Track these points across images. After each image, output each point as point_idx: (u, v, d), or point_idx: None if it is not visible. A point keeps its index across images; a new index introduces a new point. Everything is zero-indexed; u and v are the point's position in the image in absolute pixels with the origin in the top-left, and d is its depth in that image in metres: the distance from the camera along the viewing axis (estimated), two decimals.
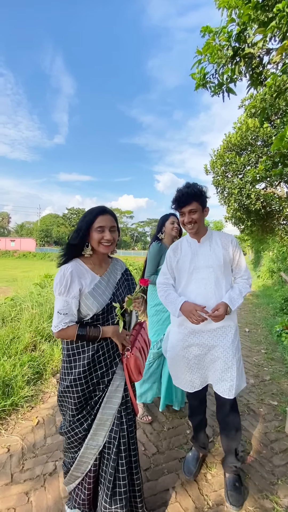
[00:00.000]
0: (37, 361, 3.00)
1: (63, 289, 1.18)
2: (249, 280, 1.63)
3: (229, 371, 1.57)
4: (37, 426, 2.15)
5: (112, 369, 1.28)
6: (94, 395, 1.25)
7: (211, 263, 1.57)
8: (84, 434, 1.24)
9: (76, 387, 1.21)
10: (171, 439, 2.04)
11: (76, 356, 1.23)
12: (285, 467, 1.80)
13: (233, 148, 9.04)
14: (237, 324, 1.69)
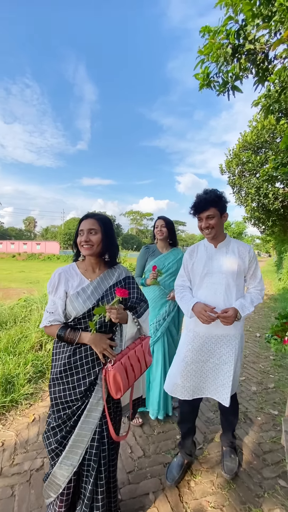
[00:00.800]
0: (41, 360, 3.12)
1: (51, 289, 1.26)
2: (262, 291, 1.66)
3: (226, 381, 1.62)
4: (33, 423, 2.24)
5: (89, 378, 1.21)
6: (72, 404, 1.20)
7: (224, 269, 1.60)
8: (57, 448, 1.18)
9: (54, 387, 1.23)
10: (159, 443, 2.02)
11: (58, 356, 1.26)
12: (274, 480, 1.72)
13: (249, 146, 8.77)
14: (243, 334, 1.70)
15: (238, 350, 1.64)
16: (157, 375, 2.20)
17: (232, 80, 3.34)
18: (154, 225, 2.32)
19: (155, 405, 2.21)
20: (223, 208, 1.59)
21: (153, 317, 2.20)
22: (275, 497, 1.60)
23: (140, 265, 2.27)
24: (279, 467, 1.82)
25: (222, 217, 1.60)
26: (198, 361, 1.65)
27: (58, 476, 1.17)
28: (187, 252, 1.78)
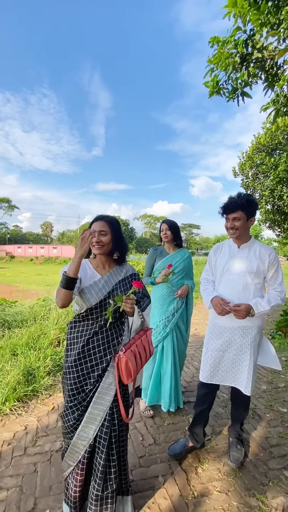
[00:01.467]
0: (59, 355, 3.31)
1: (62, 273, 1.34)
2: (281, 293, 1.71)
3: (244, 369, 1.73)
4: (52, 411, 2.42)
5: (102, 364, 1.34)
6: (86, 387, 1.33)
7: (244, 269, 1.72)
8: (75, 423, 1.33)
9: (70, 374, 1.35)
10: (169, 433, 2.14)
11: (72, 346, 1.38)
12: (279, 471, 1.79)
13: (262, 148, 8.73)
14: (260, 326, 1.78)
15: (254, 342, 1.73)
16: (168, 369, 2.32)
17: (242, 87, 3.45)
18: (160, 228, 2.45)
19: (166, 398, 2.32)
20: (251, 213, 1.69)
21: (162, 313, 2.33)
22: (280, 486, 1.68)
23: (149, 265, 2.41)
24: (285, 460, 1.88)
25: (249, 221, 1.71)
26: (217, 349, 1.79)
27: (77, 445, 1.33)
28: (213, 249, 1.96)
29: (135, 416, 2.33)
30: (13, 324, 4.23)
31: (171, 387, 2.31)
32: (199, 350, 3.95)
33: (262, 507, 1.53)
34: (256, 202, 1.71)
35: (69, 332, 1.42)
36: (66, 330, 1.46)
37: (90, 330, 1.37)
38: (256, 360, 1.80)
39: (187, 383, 2.94)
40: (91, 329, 1.37)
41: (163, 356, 2.33)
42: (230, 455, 1.86)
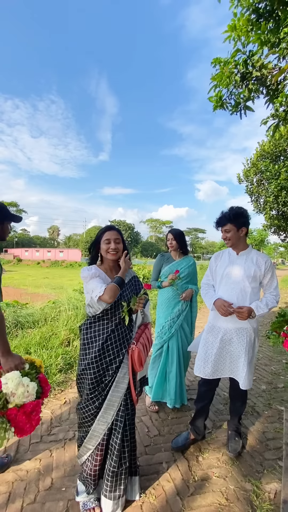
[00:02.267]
0: (69, 354, 3.52)
1: (91, 276, 1.53)
2: (276, 297, 1.89)
3: (241, 364, 1.90)
4: (64, 404, 2.62)
5: (119, 357, 1.53)
6: (104, 379, 1.51)
7: (242, 274, 1.89)
8: (95, 411, 1.50)
9: (90, 370, 1.52)
10: (173, 426, 2.31)
11: (90, 344, 1.55)
12: (274, 461, 1.94)
13: (267, 155, 8.90)
14: (256, 328, 1.96)
15: (249, 342, 1.90)
16: (173, 368, 2.49)
17: (244, 101, 3.67)
18: (166, 237, 2.65)
19: (172, 395, 2.48)
20: (240, 224, 1.88)
21: (168, 315, 2.51)
22: (273, 473, 1.83)
23: (156, 270, 2.60)
24: (280, 451, 2.03)
25: (239, 231, 1.90)
26: (216, 347, 1.95)
27: (97, 430, 1.51)
28: (214, 256, 2.15)
29: (141, 411, 2.51)
30: (26, 325, 4.46)
31: (176, 385, 2.48)
32: None
33: (257, 491, 1.69)
34: (245, 214, 1.90)
35: (86, 333, 1.56)
36: (82, 331, 1.57)
37: (107, 329, 1.55)
38: (252, 359, 1.96)
39: (190, 382, 3.11)
40: (108, 327, 1.55)
41: (169, 355, 2.51)
42: (228, 445, 2.03)
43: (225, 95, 3.65)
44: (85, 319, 1.62)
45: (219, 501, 1.62)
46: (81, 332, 1.59)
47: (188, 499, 1.63)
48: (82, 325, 1.60)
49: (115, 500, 1.50)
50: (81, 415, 1.56)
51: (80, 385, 1.59)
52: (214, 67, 3.50)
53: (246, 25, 3.28)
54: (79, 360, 1.58)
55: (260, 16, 3.30)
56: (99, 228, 13.71)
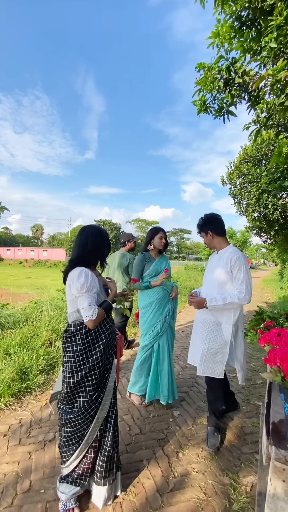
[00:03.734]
0: (51, 355, 3.46)
1: (89, 287, 1.46)
2: (240, 293, 1.93)
3: (200, 354, 2.07)
4: (45, 406, 2.57)
5: (113, 349, 1.65)
6: (106, 373, 1.59)
7: (215, 270, 2.10)
8: (97, 408, 1.54)
9: (95, 370, 1.52)
10: (154, 424, 2.33)
11: (94, 345, 1.52)
12: (251, 455, 2.01)
13: (249, 159, 9.16)
14: (220, 322, 2.06)
15: (210, 332, 2.06)
16: (165, 366, 2.52)
17: (227, 106, 3.76)
18: (152, 235, 2.61)
19: (165, 392, 2.50)
20: (206, 230, 2.15)
21: (159, 315, 2.52)
22: (250, 467, 1.90)
23: (139, 270, 2.56)
24: (256, 445, 2.11)
25: (208, 236, 2.16)
26: (192, 337, 2.26)
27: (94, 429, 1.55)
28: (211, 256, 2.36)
29: (123, 410, 2.51)
30: (6, 325, 4.34)
31: (169, 382, 2.52)
32: (185, 350, 4.17)
33: (234, 484, 1.74)
34: (210, 220, 2.14)
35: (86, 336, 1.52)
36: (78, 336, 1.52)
37: (109, 325, 1.64)
38: (216, 349, 2.04)
39: None
40: (110, 325, 1.65)
41: (160, 353, 2.53)
42: (207, 441, 2.08)
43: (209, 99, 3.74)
44: (78, 321, 1.54)
45: (198, 496, 1.65)
46: (78, 337, 1.51)
47: (168, 495, 1.66)
48: (77, 329, 1.52)
49: (109, 485, 1.57)
50: (77, 424, 1.52)
51: (75, 394, 1.54)
52: (198, 71, 3.57)
53: (229, 32, 3.37)
54: (73, 368, 1.50)
55: (243, 24, 3.40)
56: None
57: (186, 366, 3.57)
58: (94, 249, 1.59)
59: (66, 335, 1.57)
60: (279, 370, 1.06)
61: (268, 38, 2.96)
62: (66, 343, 1.56)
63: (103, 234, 1.65)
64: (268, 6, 2.96)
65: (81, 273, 1.48)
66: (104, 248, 1.64)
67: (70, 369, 1.53)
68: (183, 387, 2.99)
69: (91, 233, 1.61)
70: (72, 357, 1.53)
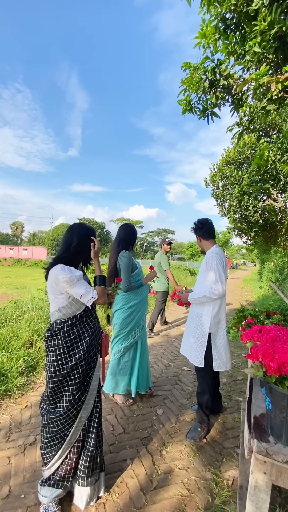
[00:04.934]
0: (32, 356, 3.36)
1: (78, 276, 1.47)
2: (211, 289, 2.09)
3: (188, 343, 2.26)
4: (25, 408, 2.49)
5: (97, 348, 1.61)
6: (90, 372, 1.56)
7: (200, 270, 2.29)
8: (80, 407, 1.51)
9: (78, 369, 1.49)
10: (138, 423, 2.33)
11: (77, 343, 1.50)
12: (232, 449, 2.05)
13: (231, 162, 9.39)
14: (201, 315, 2.20)
15: (194, 324, 2.21)
16: (145, 357, 2.62)
17: (211, 107, 3.81)
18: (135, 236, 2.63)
19: (145, 382, 2.62)
20: (200, 234, 2.30)
21: (143, 313, 2.56)
22: (232, 461, 1.94)
23: (130, 270, 2.46)
24: (237, 440, 2.16)
25: (198, 239, 2.35)
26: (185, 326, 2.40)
27: (78, 428, 1.53)
28: None
29: (106, 410, 2.49)
30: None
31: (148, 370, 2.65)
32: (168, 349, 4.20)
33: (216, 479, 1.78)
34: (197, 226, 2.30)
35: (69, 334, 1.49)
36: (60, 334, 1.49)
37: (93, 323, 1.59)
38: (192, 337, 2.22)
39: (156, 378, 3.16)
40: (94, 322, 1.61)
41: (142, 347, 2.58)
42: (188, 433, 2.16)
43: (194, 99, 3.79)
44: (60, 320, 1.51)
45: (181, 492, 1.67)
46: (60, 335, 1.49)
47: (151, 493, 1.66)
48: (59, 328, 1.50)
49: (92, 485, 1.54)
50: (59, 424, 1.49)
51: (57, 394, 1.51)
52: (184, 71, 3.60)
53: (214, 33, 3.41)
54: (55, 367, 1.48)
55: (227, 26, 3.47)
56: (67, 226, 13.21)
57: (170, 364, 3.60)
58: (79, 249, 1.56)
59: (48, 334, 1.54)
60: (261, 365, 1.09)
61: (252, 43, 3.03)
62: (49, 342, 1.54)
63: (89, 234, 1.61)
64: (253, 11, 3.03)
65: (63, 267, 1.48)
66: (90, 249, 1.60)
67: (52, 368, 1.50)
68: (166, 385, 3.01)
69: (77, 233, 1.57)
70: (55, 355, 1.50)
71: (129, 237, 2.55)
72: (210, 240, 2.31)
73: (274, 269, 8.91)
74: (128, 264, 2.45)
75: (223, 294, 2.14)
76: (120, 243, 2.53)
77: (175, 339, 4.70)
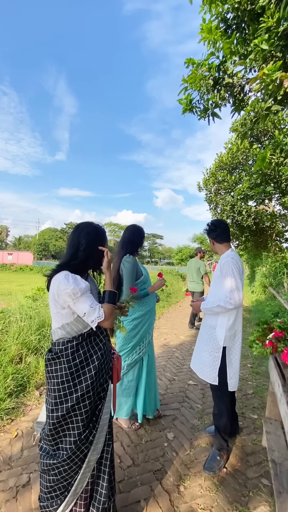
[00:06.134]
0: (22, 373, 3.01)
1: (84, 289, 1.21)
2: (226, 297, 1.87)
3: (200, 358, 2.04)
4: (16, 438, 2.15)
5: (108, 374, 1.36)
6: (99, 403, 1.30)
7: (214, 275, 2.08)
8: (88, 448, 1.24)
9: (85, 401, 1.22)
10: (147, 451, 2.04)
11: (84, 369, 1.24)
12: (257, 479, 1.81)
13: (224, 167, 9.38)
14: (214, 326, 1.98)
15: (207, 336, 2.00)
16: (152, 376, 2.34)
17: (212, 107, 3.66)
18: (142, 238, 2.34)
19: (152, 404, 2.34)
20: (213, 236, 2.11)
21: (150, 325, 2.29)
22: (259, 495, 1.70)
23: (134, 277, 2.19)
24: (261, 467, 1.92)
25: (211, 242, 2.16)
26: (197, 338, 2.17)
27: (85, 473, 1.26)
28: None
29: None
30: None
31: (156, 392, 2.36)
32: (170, 360, 3.94)
33: None
34: (210, 228, 2.13)
35: (74, 357, 1.22)
36: (64, 357, 1.22)
37: (103, 343, 1.33)
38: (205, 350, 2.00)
39: (161, 395, 2.89)
40: (104, 342, 1.34)
41: (149, 364, 2.29)
42: (206, 462, 1.91)
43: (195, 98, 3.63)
44: (63, 340, 1.25)
45: None
46: (63, 358, 1.22)
47: None
48: (62, 349, 1.23)
49: None
50: (62, 471, 1.21)
51: (60, 432, 1.23)
52: (187, 67, 3.44)
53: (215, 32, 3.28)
54: (59, 399, 1.21)
55: (228, 26, 3.34)
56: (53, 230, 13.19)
57: (174, 378, 3.34)
58: (88, 253, 1.29)
59: (49, 356, 1.26)
60: None
61: (258, 41, 2.89)
62: (50, 366, 1.26)
63: (99, 234, 1.35)
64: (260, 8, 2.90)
65: (66, 276, 1.21)
66: (100, 253, 1.34)
67: (54, 400, 1.23)
68: (174, 403, 2.74)
69: (85, 233, 1.30)
70: (57, 384, 1.22)
71: (134, 239, 2.27)
72: (224, 243, 2.11)
73: (268, 274, 8.88)
74: (132, 271, 2.17)
75: (240, 304, 1.92)
76: (124, 246, 2.25)
77: (175, 349, 4.44)
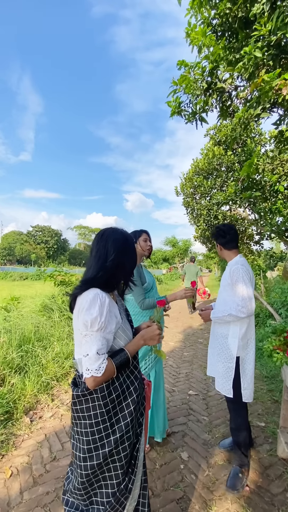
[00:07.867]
0: (6, 398, 2.65)
1: (103, 323, 0.98)
2: (237, 306, 1.79)
3: (215, 368, 1.98)
4: (11, 478, 1.84)
5: (143, 405, 1.18)
6: (136, 441, 1.11)
7: (221, 282, 2.05)
8: (127, 498, 1.05)
9: (123, 444, 1.02)
10: (164, 477, 1.88)
11: (121, 404, 1.05)
12: (283, 495, 1.74)
13: (200, 172, 9.59)
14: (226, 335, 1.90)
15: (220, 346, 1.94)
16: (160, 394, 2.15)
17: (200, 112, 3.65)
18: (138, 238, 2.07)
19: (161, 426, 2.15)
20: (222, 242, 2.04)
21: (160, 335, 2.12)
22: None
23: (141, 283, 2.02)
24: (282, 481, 1.86)
25: (217, 247, 2.10)
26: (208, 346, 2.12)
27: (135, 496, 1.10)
28: None
29: None
30: None
31: (165, 413, 2.19)
32: (165, 369, 3.80)
33: None
34: (219, 234, 2.04)
35: (110, 392, 1.02)
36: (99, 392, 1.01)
37: (136, 371, 1.14)
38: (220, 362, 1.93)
39: None
40: (137, 370, 1.16)
41: (156, 381, 2.11)
42: (228, 480, 1.82)
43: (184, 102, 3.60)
44: None
45: None
46: (98, 395, 1.01)
47: None
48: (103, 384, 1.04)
49: None
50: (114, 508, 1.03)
51: (94, 484, 1.03)
52: (179, 69, 3.39)
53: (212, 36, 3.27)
54: (92, 443, 1.01)
55: (214, 32, 3.37)
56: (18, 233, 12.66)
57: (173, 389, 3.20)
58: (117, 264, 1.08)
59: (78, 392, 1.03)
60: None
61: (249, 48, 2.92)
62: (79, 405, 1.04)
63: (128, 241, 1.15)
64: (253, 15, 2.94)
65: (95, 299, 0.98)
66: (131, 262, 1.16)
67: (87, 445, 1.01)
68: (179, 418, 2.60)
69: (113, 241, 1.09)
70: (90, 425, 1.01)
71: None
72: (233, 250, 2.04)
73: None
74: (137, 276, 2.00)
75: (252, 312, 1.85)
76: None
77: (168, 357, 4.32)
